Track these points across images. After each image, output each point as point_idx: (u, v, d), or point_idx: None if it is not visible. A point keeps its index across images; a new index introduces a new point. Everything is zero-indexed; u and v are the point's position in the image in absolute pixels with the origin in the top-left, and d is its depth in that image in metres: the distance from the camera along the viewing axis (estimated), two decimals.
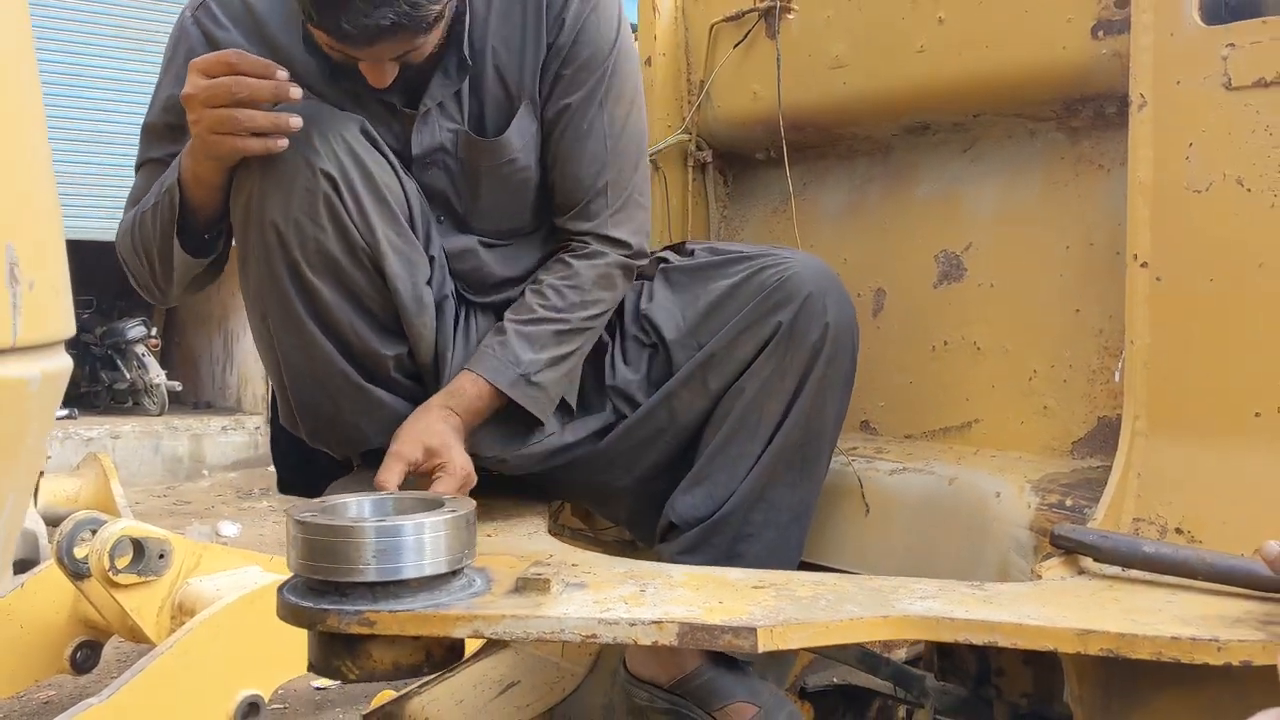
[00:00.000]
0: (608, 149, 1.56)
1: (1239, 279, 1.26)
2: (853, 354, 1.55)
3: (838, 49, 1.75)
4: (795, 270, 1.52)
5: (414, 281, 1.47)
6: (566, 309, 1.54)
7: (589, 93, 1.54)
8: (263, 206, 1.40)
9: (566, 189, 1.58)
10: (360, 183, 1.41)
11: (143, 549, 2.60)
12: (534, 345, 1.51)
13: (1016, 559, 1.40)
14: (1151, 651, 1.04)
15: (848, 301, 1.55)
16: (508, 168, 1.56)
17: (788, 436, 1.51)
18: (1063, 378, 1.54)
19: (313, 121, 1.39)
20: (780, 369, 1.51)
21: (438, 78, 1.51)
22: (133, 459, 8.13)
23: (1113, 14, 1.42)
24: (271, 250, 1.41)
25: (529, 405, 1.51)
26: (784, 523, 1.53)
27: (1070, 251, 1.55)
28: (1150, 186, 1.32)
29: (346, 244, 1.42)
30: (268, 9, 1.52)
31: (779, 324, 1.50)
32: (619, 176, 1.57)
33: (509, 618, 1.08)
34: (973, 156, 1.69)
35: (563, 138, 1.56)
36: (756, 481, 1.51)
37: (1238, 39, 1.26)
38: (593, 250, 1.58)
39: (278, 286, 1.43)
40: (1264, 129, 1.24)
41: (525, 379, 1.50)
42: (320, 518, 1.12)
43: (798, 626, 1.07)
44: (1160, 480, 1.31)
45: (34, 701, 3.35)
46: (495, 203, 1.58)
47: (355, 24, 1.30)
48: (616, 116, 1.57)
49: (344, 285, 1.44)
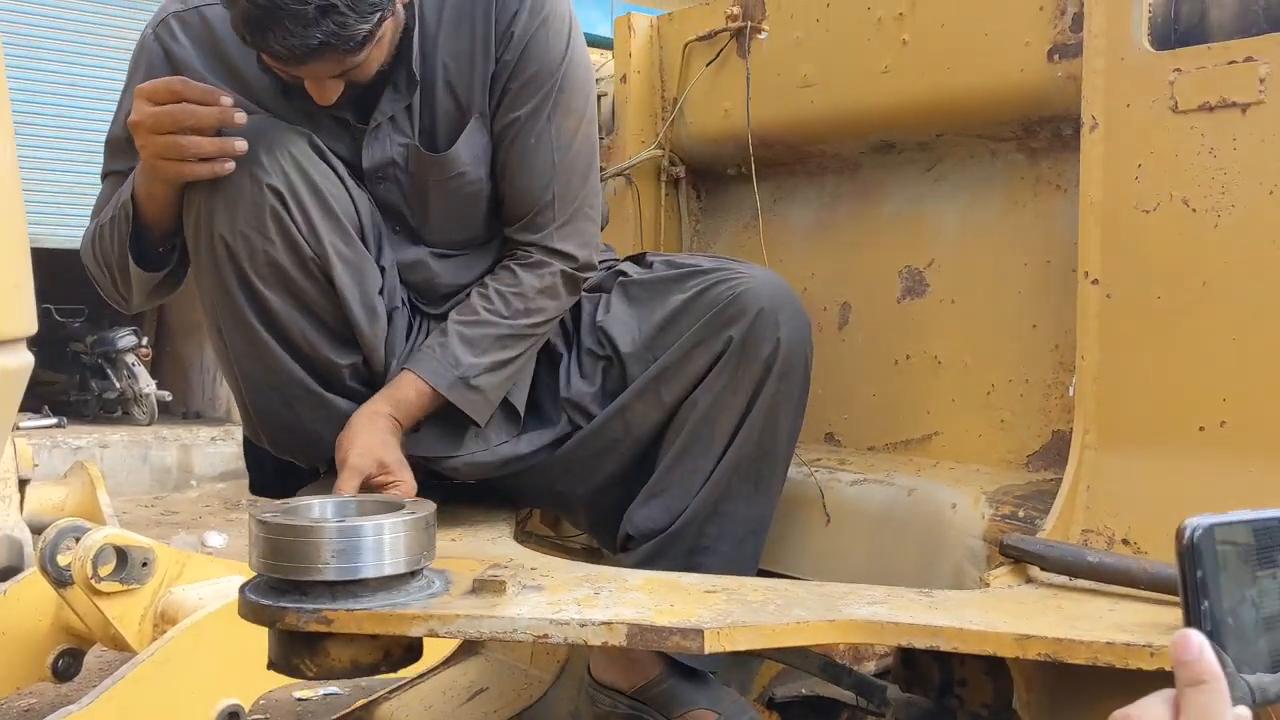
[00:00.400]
0: (555, 162, 1.56)
1: (1184, 296, 1.30)
2: (805, 370, 1.56)
3: (806, 69, 1.78)
4: (748, 286, 1.53)
5: (363, 290, 1.49)
6: (510, 315, 1.55)
7: (536, 107, 1.55)
8: (211, 221, 1.43)
9: (514, 201, 1.59)
10: (307, 195, 1.44)
11: (126, 557, 2.60)
12: (475, 349, 1.53)
13: (969, 568, 1.43)
14: (1087, 656, 1.07)
15: (803, 318, 1.56)
16: (456, 181, 1.57)
17: (741, 451, 1.53)
18: (1019, 392, 1.57)
19: (260, 136, 1.42)
20: (732, 384, 1.52)
21: (388, 93, 1.53)
22: (121, 468, 8.12)
23: (1068, 38, 1.46)
24: (221, 263, 1.44)
25: (466, 408, 1.53)
26: (739, 536, 1.55)
27: (1028, 269, 1.59)
28: (1101, 206, 1.36)
29: (295, 255, 1.44)
30: (226, 27, 1.51)
31: (730, 338, 1.52)
32: (566, 189, 1.58)
33: (463, 617, 1.11)
34: (936, 175, 1.73)
35: (510, 150, 1.57)
36: (710, 495, 1.53)
37: (1184, 64, 1.30)
38: (538, 260, 1.59)
39: (229, 299, 1.46)
40: (1208, 151, 1.28)
41: (464, 381, 1.52)
42: (281, 518, 1.15)
43: (744, 629, 1.09)
44: (1108, 492, 1.34)
45: (14, 709, 3.34)
46: (446, 215, 1.60)
47: (284, 44, 1.32)
48: (565, 130, 1.57)
49: (295, 296, 1.46)
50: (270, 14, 1.29)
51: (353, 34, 1.34)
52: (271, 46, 1.33)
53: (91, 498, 4.76)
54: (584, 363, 1.63)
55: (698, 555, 1.54)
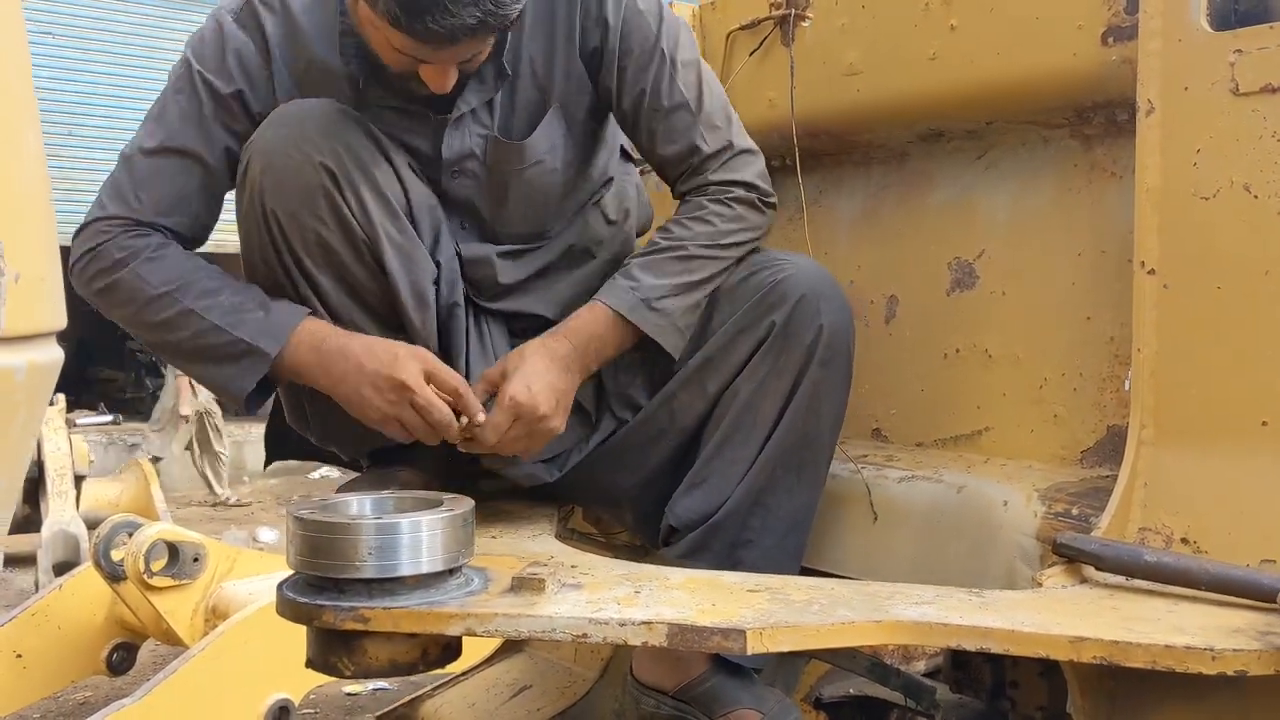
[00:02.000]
0: (693, 116, 1.57)
1: (1246, 286, 1.25)
2: (848, 358, 1.55)
3: (852, 56, 1.75)
4: (790, 273, 1.53)
5: (414, 277, 1.48)
6: (693, 237, 1.54)
7: (655, 77, 1.55)
8: (263, 198, 1.43)
9: (670, 164, 1.60)
10: (359, 176, 1.44)
11: (178, 552, 2.63)
12: (657, 271, 1.52)
13: (1022, 568, 1.39)
14: (1145, 660, 1.04)
15: (845, 305, 1.55)
16: (534, 170, 1.57)
17: (783, 439, 1.51)
18: (1073, 386, 1.53)
19: (313, 117, 1.43)
20: (775, 369, 1.51)
21: (472, 84, 1.53)
22: (174, 464, 8.24)
23: (1122, 20, 1.42)
24: (275, 240, 1.45)
25: (654, 334, 1.51)
26: (782, 530, 1.52)
27: (1082, 259, 1.54)
28: (1158, 193, 1.31)
29: (347, 236, 1.44)
30: (307, 15, 1.53)
31: (773, 324, 1.51)
32: (713, 134, 1.58)
33: (501, 616, 1.09)
34: (987, 164, 1.69)
35: (651, 122, 1.58)
36: (753, 484, 1.51)
37: (1245, 45, 1.25)
38: (714, 191, 1.58)
39: (280, 278, 1.46)
40: (1271, 135, 1.23)
41: (646, 304, 1.50)
42: (319, 515, 1.14)
43: (787, 629, 1.07)
44: (1166, 490, 1.29)
45: (70, 702, 3.39)
46: (520, 207, 1.60)
47: (442, 22, 1.30)
48: (689, 83, 1.57)
49: (345, 280, 1.47)
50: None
51: (507, 14, 1.35)
52: (428, 26, 1.31)
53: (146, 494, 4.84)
54: (627, 354, 1.61)
55: (740, 549, 1.52)
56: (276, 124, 1.45)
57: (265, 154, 1.43)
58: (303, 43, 1.52)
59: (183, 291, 1.43)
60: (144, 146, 1.51)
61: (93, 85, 9.46)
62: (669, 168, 1.61)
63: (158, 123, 1.52)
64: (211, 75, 1.50)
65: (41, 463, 4.75)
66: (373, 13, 1.34)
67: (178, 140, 1.50)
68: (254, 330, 1.41)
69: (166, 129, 1.51)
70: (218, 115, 1.50)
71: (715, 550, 1.51)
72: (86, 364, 10.52)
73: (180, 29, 9.73)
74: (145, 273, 1.44)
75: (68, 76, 9.20)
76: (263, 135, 1.45)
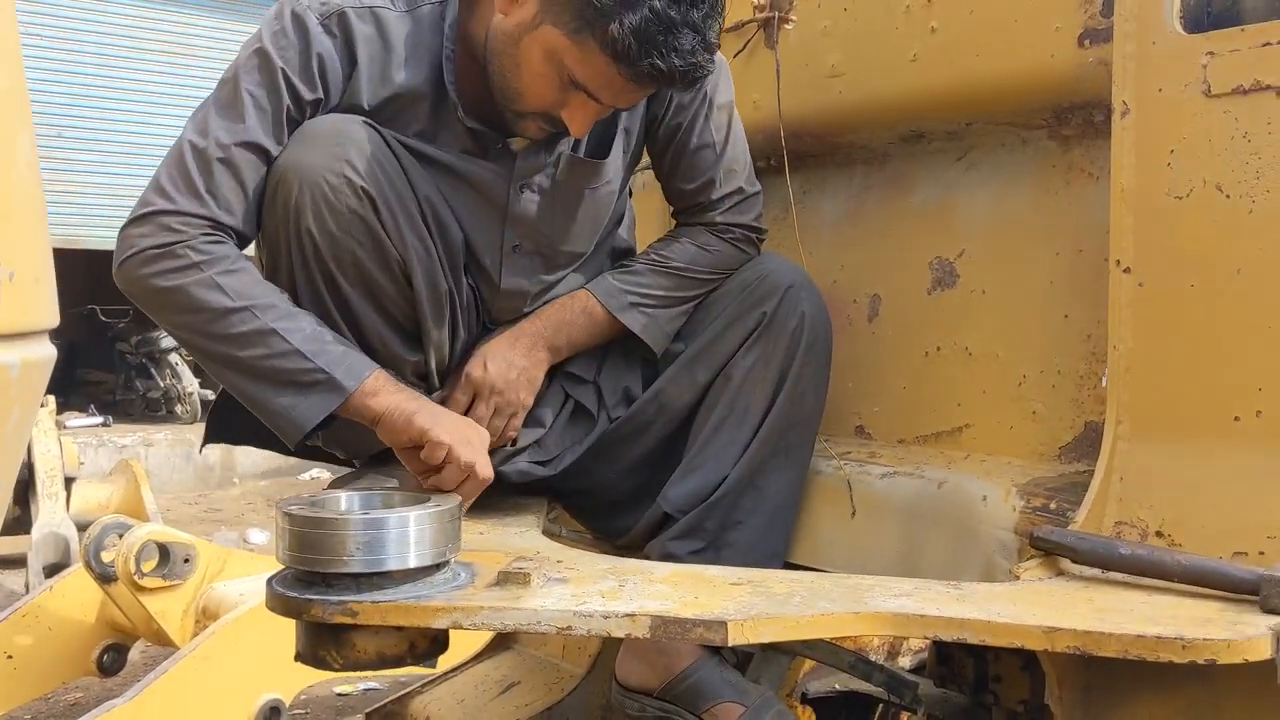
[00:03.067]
0: (716, 156, 1.67)
1: (1219, 284, 1.27)
2: (827, 344, 1.64)
3: (834, 58, 1.77)
4: (771, 268, 1.63)
5: (435, 294, 1.52)
6: (689, 261, 1.65)
7: (694, 114, 1.64)
8: (299, 216, 1.41)
9: (683, 195, 1.70)
10: (394, 200, 1.45)
11: (168, 553, 2.64)
12: (651, 280, 1.62)
13: (1000, 561, 1.41)
14: (1117, 650, 1.05)
15: (819, 295, 1.65)
16: (604, 190, 1.63)
17: (774, 423, 1.57)
18: (1051, 383, 1.55)
19: (350, 137, 1.42)
20: (765, 356, 1.58)
21: None
22: (165, 466, 8.23)
23: (1098, 22, 1.44)
24: (309, 259, 1.44)
25: (642, 332, 1.60)
26: (771, 510, 1.57)
27: (1060, 258, 1.57)
28: (1133, 193, 1.34)
29: (381, 258, 1.46)
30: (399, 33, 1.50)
31: (763, 314, 1.59)
32: (729, 177, 1.69)
33: (487, 609, 1.11)
34: (967, 164, 1.71)
35: (676, 153, 1.67)
36: (746, 468, 1.57)
37: (1217, 47, 1.27)
38: (719, 229, 1.69)
39: (311, 290, 1.46)
40: (1242, 136, 1.25)
41: (638, 306, 1.60)
42: (308, 510, 1.16)
43: (768, 621, 1.09)
44: (1142, 484, 1.32)
45: (61, 703, 3.39)
46: (583, 228, 1.65)
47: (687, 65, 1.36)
48: (720, 124, 1.67)
49: (373, 296, 1.49)
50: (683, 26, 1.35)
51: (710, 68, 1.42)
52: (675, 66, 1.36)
53: (136, 495, 4.83)
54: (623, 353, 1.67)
55: (731, 530, 1.56)
56: (310, 142, 1.42)
57: (302, 173, 1.40)
58: (395, 64, 1.49)
59: (264, 310, 1.38)
60: (220, 139, 1.41)
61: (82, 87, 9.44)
62: (679, 198, 1.71)
63: (230, 113, 1.43)
64: (295, 76, 1.43)
65: (31, 464, 4.74)
66: (570, 41, 1.36)
67: (255, 135, 1.42)
68: (334, 362, 1.38)
69: (244, 122, 1.42)
70: (293, 119, 1.45)
71: (707, 530, 1.56)
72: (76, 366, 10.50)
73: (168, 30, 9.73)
74: (226, 283, 1.38)
75: (56, 78, 9.19)
76: (297, 154, 1.42)
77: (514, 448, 1.62)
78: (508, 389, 1.55)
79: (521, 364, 1.57)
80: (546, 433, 1.63)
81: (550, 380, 1.65)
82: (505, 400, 1.55)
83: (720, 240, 1.67)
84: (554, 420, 1.65)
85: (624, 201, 1.76)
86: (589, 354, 1.66)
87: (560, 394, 1.66)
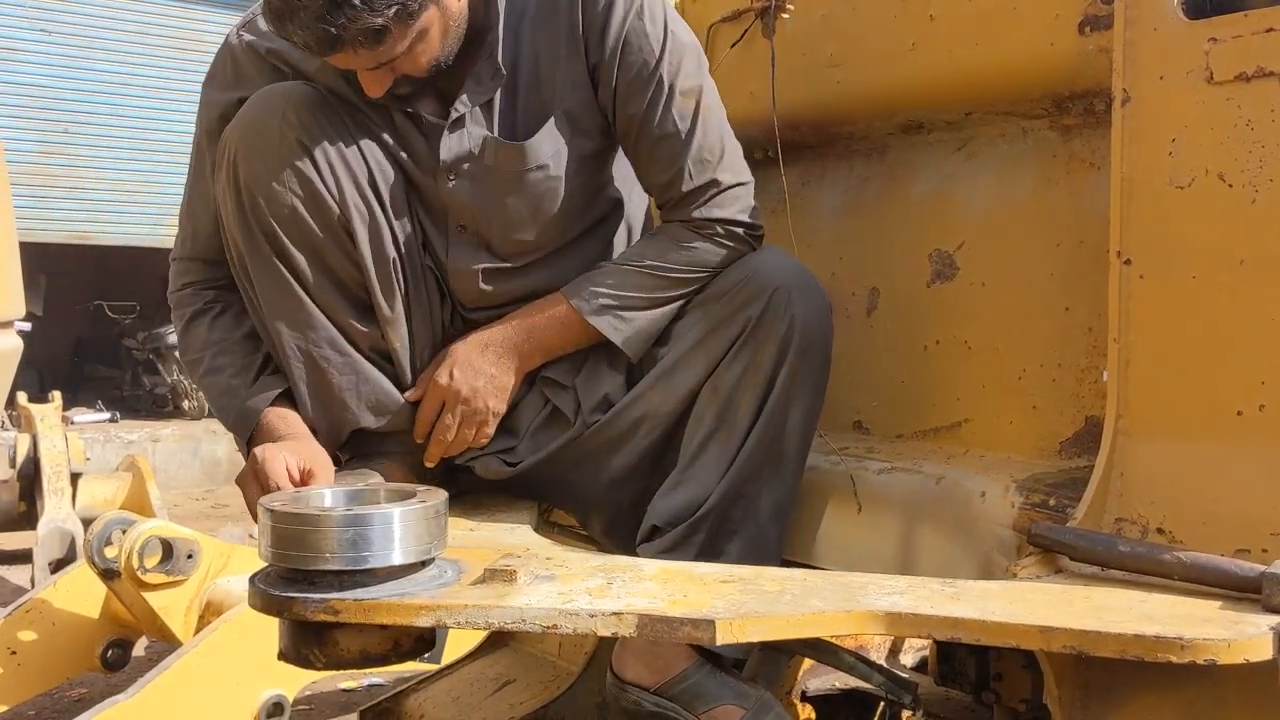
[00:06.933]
0: (682, 147, 1.54)
1: (1221, 276, 1.24)
2: (824, 346, 1.54)
3: (832, 48, 1.75)
4: (758, 268, 1.53)
5: (380, 257, 1.52)
6: (666, 261, 1.55)
7: (650, 100, 1.52)
8: (237, 170, 1.47)
9: (657, 190, 1.61)
10: (334, 155, 1.47)
11: (171, 549, 2.63)
12: (628, 283, 1.55)
13: (999, 558, 1.39)
14: (1115, 649, 1.03)
15: (817, 293, 1.54)
16: (536, 174, 1.55)
17: (763, 431, 1.50)
18: (1051, 377, 1.53)
19: (295, 99, 1.47)
20: (751, 364, 1.50)
21: (469, 84, 1.53)
22: (172, 462, 8.24)
23: (1099, 10, 1.41)
24: (246, 215, 1.48)
25: (615, 338, 1.54)
26: (763, 519, 1.52)
27: (1061, 250, 1.54)
28: (1133, 182, 1.31)
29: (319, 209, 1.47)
30: None
31: (748, 320, 1.50)
32: (701, 169, 1.55)
33: (471, 607, 1.09)
34: (966, 155, 1.68)
35: (638, 146, 1.57)
36: (735, 477, 1.51)
37: (1219, 33, 1.24)
38: (696, 224, 1.56)
39: (257, 250, 1.50)
40: (1245, 123, 1.22)
41: (612, 310, 1.54)
42: (289, 506, 1.14)
43: (758, 619, 1.07)
44: (1142, 480, 1.29)
45: (66, 699, 3.39)
46: (519, 213, 1.57)
47: (303, 37, 1.37)
48: (685, 112, 1.54)
49: (319, 258, 1.50)
50: (287, 5, 1.34)
51: (365, 26, 1.35)
52: (293, 38, 1.38)
53: (142, 491, 4.82)
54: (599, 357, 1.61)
55: (722, 540, 1.52)
56: (252, 102, 1.50)
57: (242, 128, 1.47)
58: None
59: (198, 365, 1.61)
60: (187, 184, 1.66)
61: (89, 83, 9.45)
62: (654, 192, 1.63)
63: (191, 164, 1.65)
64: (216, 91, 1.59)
65: (38, 460, 4.74)
66: None
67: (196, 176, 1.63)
68: (235, 420, 1.56)
69: (192, 168, 1.64)
70: None
71: (697, 544, 1.51)
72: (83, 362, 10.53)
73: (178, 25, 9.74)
74: (184, 336, 1.64)
75: (64, 74, 9.20)
76: (242, 112, 1.50)
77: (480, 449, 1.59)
78: (474, 397, 1.52)
79: (490, 371, 1.54)
80: (520, 436, 1.61)
81: (530, 384, 1.61)
82: (472, 409, 1.53)
83: (698, 236, 1.55)
84: (530, 424, 1.61)
85: (604, 194, 1.67)
86: (570, 358, 1.60)
87: (540, 398, 1.61)
